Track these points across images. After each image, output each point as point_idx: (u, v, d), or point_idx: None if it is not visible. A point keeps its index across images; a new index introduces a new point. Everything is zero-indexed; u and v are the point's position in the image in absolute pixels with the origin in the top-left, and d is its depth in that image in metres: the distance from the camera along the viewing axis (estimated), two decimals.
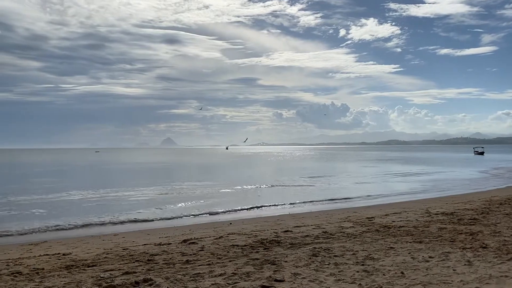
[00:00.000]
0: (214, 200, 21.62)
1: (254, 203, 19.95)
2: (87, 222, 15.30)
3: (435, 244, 8.76)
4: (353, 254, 7.98)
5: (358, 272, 6.75)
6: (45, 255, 9.12)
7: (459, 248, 8.34)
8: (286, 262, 7.51)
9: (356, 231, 10.74)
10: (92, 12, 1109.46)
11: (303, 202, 20.59)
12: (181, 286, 6.24)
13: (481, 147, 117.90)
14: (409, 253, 8.01)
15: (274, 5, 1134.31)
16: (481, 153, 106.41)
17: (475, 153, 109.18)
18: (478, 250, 8.09)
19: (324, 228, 11.45)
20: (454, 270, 6.79)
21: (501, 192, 22.01)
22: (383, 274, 6.60)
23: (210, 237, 10.66)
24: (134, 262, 7.87)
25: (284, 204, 19.85)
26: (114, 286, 6.30)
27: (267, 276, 6.63)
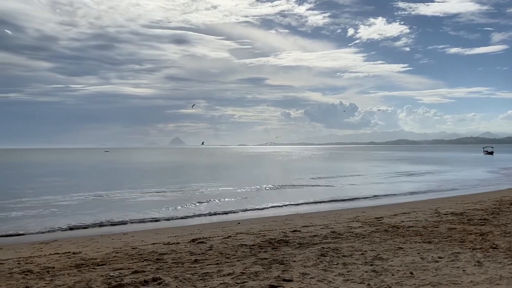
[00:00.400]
0: (222, 199, 21.65)
1: (262, 203, 19.98)
2: (97, 221, 15.44)
3: (445, 245, 8.70)
4: (361, 254, 7.95)
5: (366, 272, 6.73)
6: (55, 254, 9.22)
7: (469, 248, 8.28)
8: (295, 262, 7.51)
9: (364, 231, 10.69)
10: (101, 13, 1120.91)
11: (311, 202, 20.57)
12: (189, 285, 6.28)
13: (490, 147, 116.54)
14: (418, 253, 7.96)
15: (282, 5, 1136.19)
16: (490, 152, 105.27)
17: (484, 152, 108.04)
18: (488, 251, 8.02)
19: (332, 228, 11.41)
20: (464, 270, 6.74)
21: (511, 192, 21.78)
22: (392, 275, 6.57)
23: (218, 236, 10.69)
24: (143, 261, 7.93)
25: (292, 204, 19.84)
26: (124, 285, 6.34)
27: (275, 275, 6.64)
